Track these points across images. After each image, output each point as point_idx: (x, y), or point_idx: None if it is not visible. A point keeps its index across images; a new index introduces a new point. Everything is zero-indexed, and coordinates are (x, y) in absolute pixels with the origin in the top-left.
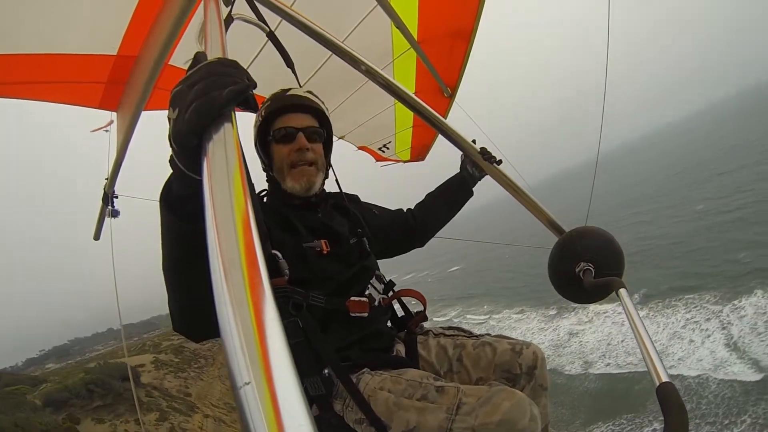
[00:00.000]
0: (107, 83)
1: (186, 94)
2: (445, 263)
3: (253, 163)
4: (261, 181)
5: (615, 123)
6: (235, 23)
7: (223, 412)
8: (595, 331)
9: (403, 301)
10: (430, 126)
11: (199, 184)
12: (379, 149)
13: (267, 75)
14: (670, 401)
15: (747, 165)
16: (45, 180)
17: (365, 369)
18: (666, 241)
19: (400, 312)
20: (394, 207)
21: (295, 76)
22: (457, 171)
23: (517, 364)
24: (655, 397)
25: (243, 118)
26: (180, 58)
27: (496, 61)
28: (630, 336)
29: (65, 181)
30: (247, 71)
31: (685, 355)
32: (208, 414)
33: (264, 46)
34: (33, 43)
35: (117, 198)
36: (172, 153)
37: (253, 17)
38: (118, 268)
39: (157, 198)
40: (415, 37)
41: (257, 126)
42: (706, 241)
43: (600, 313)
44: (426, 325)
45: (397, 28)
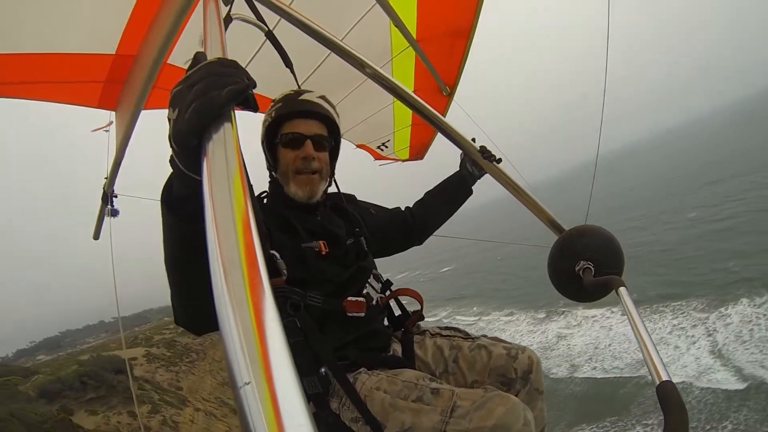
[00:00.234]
0: (106, 82)
1: (186, 94)
2: (438, 263)
3: (252, 164)
4: (260, 181)
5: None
6: (234, 23)
7: (214, 406)
8: (583, 335)
9: (400, 300)
10: (429, 124)
11: (199, 184)
12: (378, 148)
13: (267, 74)
14: (670, 400)
15: (741, 174)
16: (40, 173)
17: (362, 368)
18: (657, 247)
19: (397, 311)
20: (391, 206)
21: (294, 75)
22: (457, 170)
23: (512, 369)
24: (639, 401)
25: (244, 117)
26: (179, 57)
27: (497, 62)
28: (617, 340)
29: (60, 174)
30: (247, 71)
31: (670, 361)
32: (199, 408)
33: (263, 45)
34: (32, 42)
35: (116, 197)
36: (172, 153)
37: (252, 17)
38: (110, 261)
39: (156, 197)
40: (414, 35)
41: (265, 126)
42: (696, 250)
43: (589, 317)
44: (422, 325)
45: (395, 26)
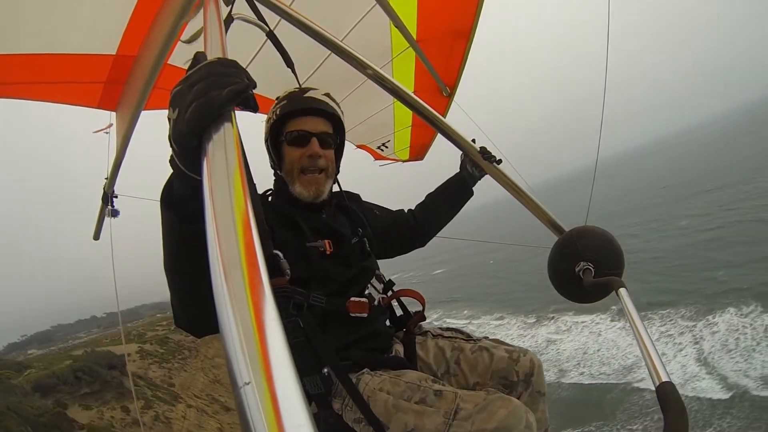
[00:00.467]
0: (106, 83)
1: (186, 95)
2: (431, 265)
3: (256, 162)
4: (264, 179)
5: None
6: (235, 23)
7: (205, 403)
8: (572, 340)
9: (402, 300)
10: (430, 125)
11: (199, 184)
12: (378, 148)
13: (267, 74)
14: (669, 400)
15: (733, 183)
16: (37, 169)
17: (365, 369)
18: (648, 255)
19: (398, 311)
20: (389, 207)
21: (295, 75)
22: (457, 171)
23: (514, 372)
24: (625, 406)
25: (245, 117)
26: (179, 57)
27: (497, 62)
28: (606, 346)
29: (56, 170)
30: (247, 71)
31: None
32: (191, 404)
33: (263, 46)
34: (32, 43)
35: (117, 198)
36: (172, 153)
37: (252, 17)
38: (104, 257)
39: (156, 197)
40: (414, 36)
41: (270, 124)
42: (686, 258)
43: (578, 323)
44: (424, 326)
45: (396, 27)
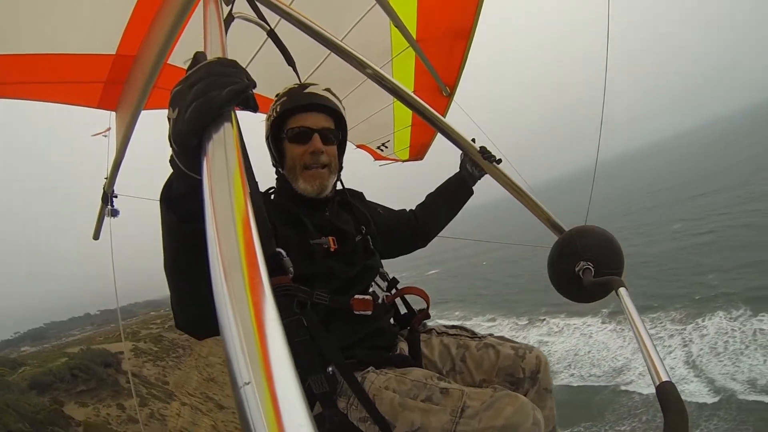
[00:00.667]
0: (106, 83)
1: (186, 94)
2: (424, 266)
3: (257, 160)
4: (265, 177)
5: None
6: (236, 22)
7: (199, 401)
8: (563, 342)
9: (406, 298)
10: (429, 125)
11: (199, 183)
12: (378, 148)
13: (267, 74)
14: (669, 400)
15: (728, 188)
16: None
17: (370, 367)
18: (641, 259)
19: (403, 309)
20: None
21: (297, 74)
22: (457, 171)
23: (520, 369)
24: (614, 407)
25: (246, 117)
26: (179, 57)
27: (497, 63)
28: (596, 348)
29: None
30: (246, 71)
31: (645, 370)
32: (185, 402)
33: (263, 45)
34: (32, 43)
35: (116, 197)
36: (172, 153)
37: (253, 16)
38: (97, 255)
39: (155, 197)
40: (414, 36)
41: (270, 121)
42: (678, 262)
43: (570, 325)
44: (428, 323)
45: (395, 27)
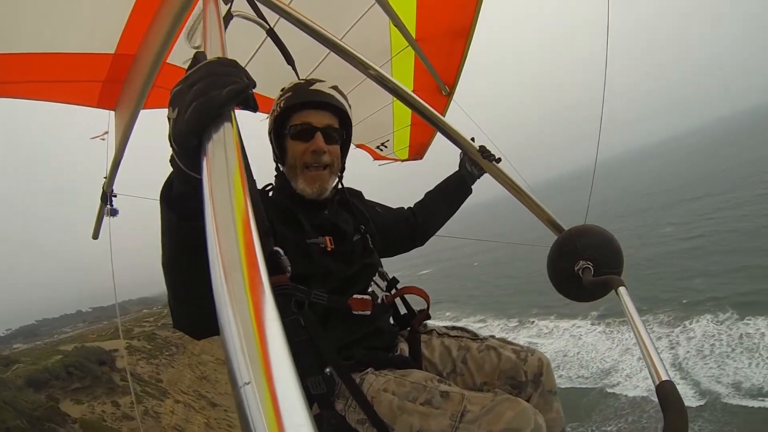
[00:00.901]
0: (105, 82)
1: (185, 94)
2: (417, 266)
3: (257, 157)
4: (263, 175)
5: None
6: (235, 21)
7: (192, 399)
8: (553, 343)
9: (406, 298)
10: (429, 124)
11: (199, 183)
12: (377, 147)
13: (266, 74)
14: (669, 399)
15: (715, 193)
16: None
17: (369, 369)
18: (631, 262)
19: (403, 309)
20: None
21: (296, 73)
22: (456, 169)
23: (522, 372)
24: (600, 408)
25: (246, 117)
26: (178, 56)
27: (497, 63)
28: (585, 349)
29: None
30: (246, 70)
31: (632, 372)
32: (178, 400)
33: (262, 44)
34: (30, 42)
35: (116, 197)
36: (172, 152)
37: (252, 15)
38: (91, 252)
39: (154, 197)
40: (414, 35)
41: (273, 116)
42: (667, 266)
43: (559, 327)
44: (429, 324)
45: (395, 26)
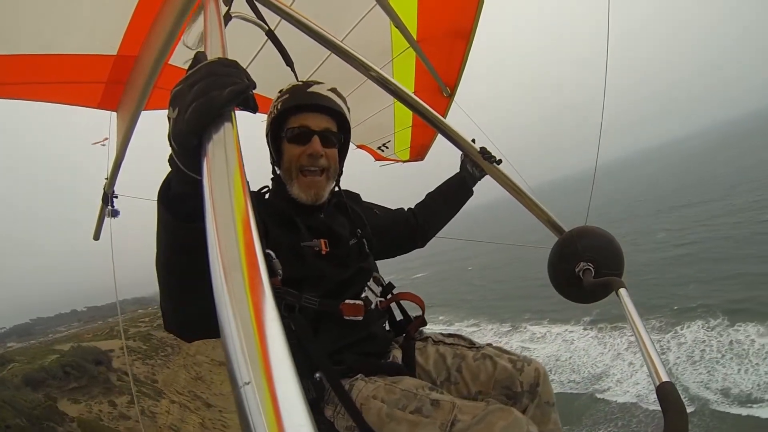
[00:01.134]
0: (107, 83)
1: (186, 94)
2: (411, 269)
3: (252, 161)
4: (259, 176)
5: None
6: (234, 21)
7: (188, 399)
8: (545, 348)
9: (402, 304)
10: (430, 125)
11: (198, 183)
12: (379, 148)
13: (267, 74)
14: (669, 400)
15: (708, 200)
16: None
17: (359, 375)
18: (627, 267)
19: (399, 315)
20: (390, 207)
21: (295, 74)
22: (457, 171)
23: (517, 382)
24: (591, 413)
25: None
26: (180, 57)
27: (497, 63)
28: (577, 354)
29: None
30: (247, 71)
31: (623, 377)
32: (174, 400)
33: (263, 46)
34: (32, 43)
35: (117, 198)
36: (171, 152)
37: (251, 16)
38: (87, 252)
39: (155, 197)
40: (415, 36)
41: (270, 118)
42: (660, 272)
43: (552, 332)
44: (426, 331)
45: (396, 27)
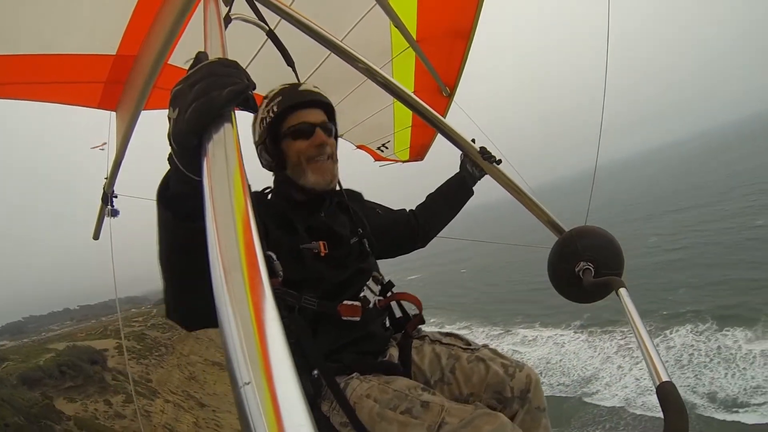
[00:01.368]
0: (106, 83)
1: (186, 94)
2: (406, 271)
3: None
4: (260, 176)
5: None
6: (235, 23)
7: (181, 399)
8: (536, 351)
9: (401, 302)
10: (430, 125)
11: (198, 183)
12: (378, 149)
13: (266, 75)
14: (669, 400)
15: (705, 204)
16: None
17: (355, 374)
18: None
19: (398, 312)
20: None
21: (296, 74)
22: (457, 171)
23: (508, 388)
24: (580, 415)
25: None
26: (180, 57)
27: (497, 63)
28: (568, 357)
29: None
30: (247, 72)
31: (612, 380)
32: (168, 400)
33: (263, 46)
34: (32, 43)
35: (116, 197)
36: (171, 152)
37: (252, 17)
38: (80, 251)
39: (154, 197)
40: (414, 36)
41: (268, 122)
42: (651, 277)
43: (543, 335)
44: (424, 329)
45: (395, 27)
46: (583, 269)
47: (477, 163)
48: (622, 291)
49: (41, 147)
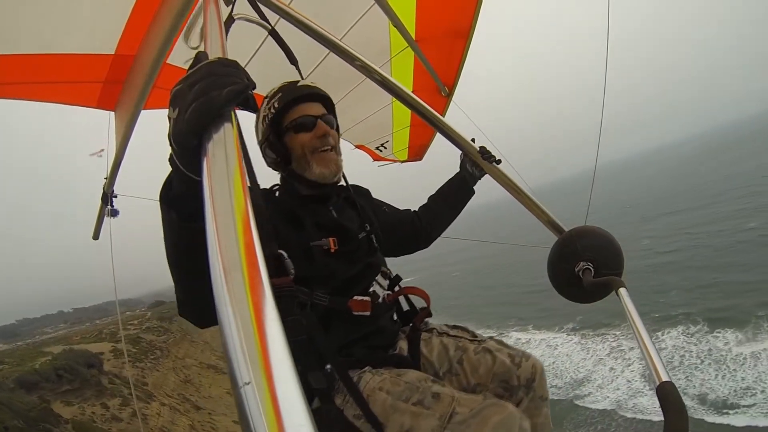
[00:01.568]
0: (105, 83)
1: (186, 94)
2: (403, 273)
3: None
4: (265, 178)
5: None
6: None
7: (177, 402)
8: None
9: (409, 296)
10: (429, 124)
11: (198, 183)
12: (377, 148)
13: (266, 74)
14: (669, 400)
15: (694, 207)
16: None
17: (367, 367)
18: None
19: (405, 305)
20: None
21: (299, 72)
22: (457, 171)
23: (515, 376)
24: (571, 417)
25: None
26: (179, 57)
27: (498, 63)
28: (560, 359)
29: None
30: (247, 71)
31: (604, 383)
32: (164, 403)
33: (262, 45)
34: (31, 43)
35: (116, 197)
36: (171, 152)
37: (254, 16)
38: (77, 254)
39: (155, 197)
40: (413, 35)
41: (270, 118)
42: (643, 279)
43: (537, 338)
44: (431, 322)
45: (394, 26)
46: (583, 269)
47: (477, 163)
48: (622, 291)
49: (41, 147)
